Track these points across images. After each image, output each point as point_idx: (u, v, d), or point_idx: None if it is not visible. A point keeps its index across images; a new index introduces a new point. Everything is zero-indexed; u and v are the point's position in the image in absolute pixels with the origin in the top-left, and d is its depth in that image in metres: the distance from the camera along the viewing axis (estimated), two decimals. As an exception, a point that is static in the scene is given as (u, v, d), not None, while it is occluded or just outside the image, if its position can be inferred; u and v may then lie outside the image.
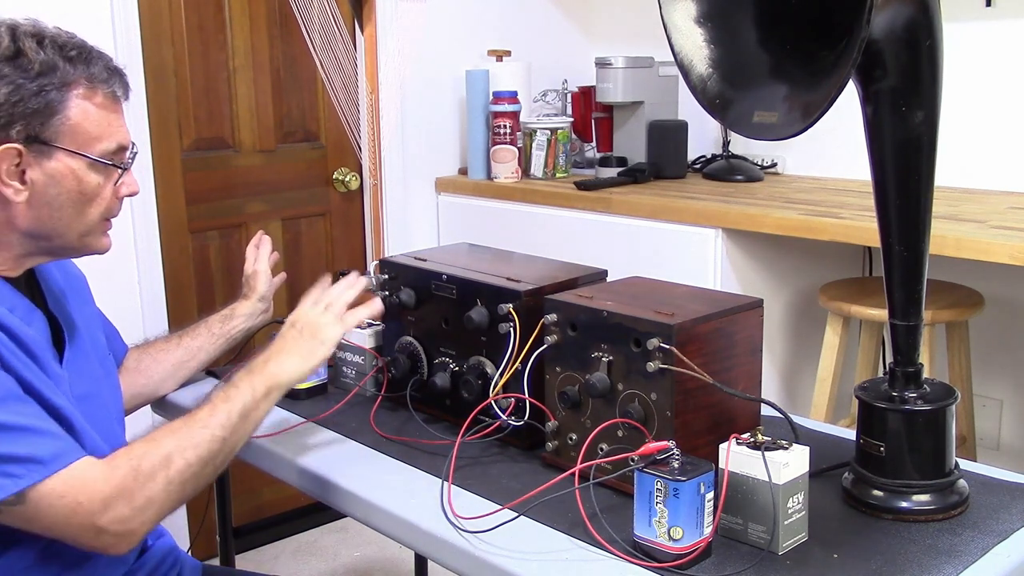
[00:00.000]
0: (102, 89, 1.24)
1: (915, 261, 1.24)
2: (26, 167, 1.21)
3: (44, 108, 1.19)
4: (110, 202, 1.29)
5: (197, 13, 2.69)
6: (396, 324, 1.63)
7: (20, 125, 1.18)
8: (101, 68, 1.24)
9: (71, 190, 1.24)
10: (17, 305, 1.26)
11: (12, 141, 1.18)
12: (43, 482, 1.14)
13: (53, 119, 1.20)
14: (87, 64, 1.23)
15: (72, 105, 1.21)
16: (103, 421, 1.38)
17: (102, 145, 1.25)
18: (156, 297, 2.61)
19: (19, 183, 1.21)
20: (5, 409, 1.14)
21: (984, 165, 2.68)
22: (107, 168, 1.26)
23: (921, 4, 1.15)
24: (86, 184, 1.25)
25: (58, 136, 1.21)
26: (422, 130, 3.13)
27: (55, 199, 1.23)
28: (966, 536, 1.19)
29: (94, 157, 1.24)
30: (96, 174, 1.25)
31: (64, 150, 1.22)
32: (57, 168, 1.22)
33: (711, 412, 1.29)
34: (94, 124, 1.23)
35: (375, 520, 1.33)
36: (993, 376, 2.78)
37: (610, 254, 2.63)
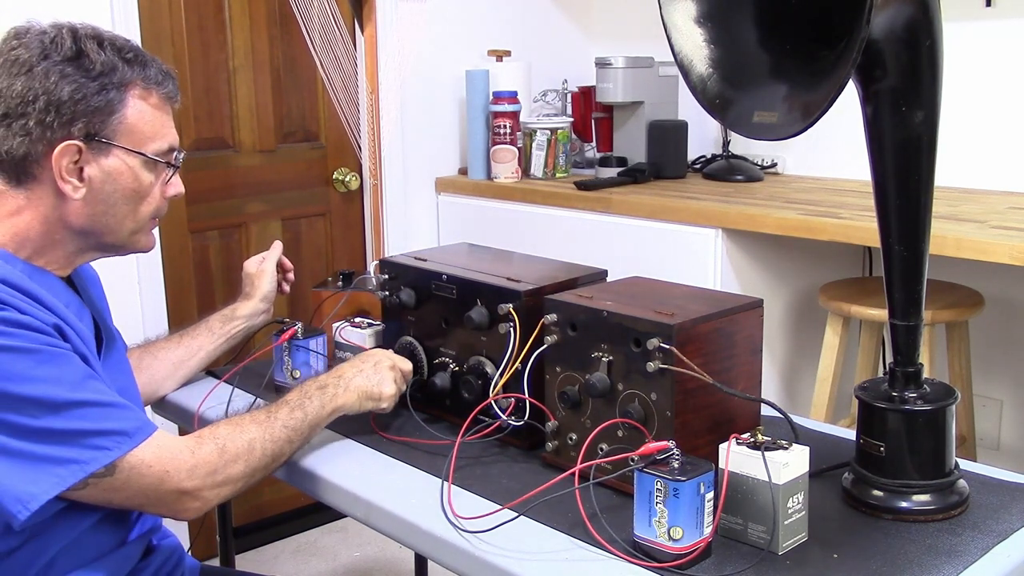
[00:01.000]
0: (156, 91, 1.30)
1: (915, 261, 1.24)
2: (84, 164, 1.25)
3: (104, 106, 1.24)
4: (159, 202, 1.34)
5: (197, 13, 2.69)
6: (396, 324, 1.63)
7: (82, 123, 1.23)
8: (156, 71, 1.30)
9: (126, 187, 1.28)
10: (71, 302, 1.31)
11: (73, 138, 1.22)
12: (132, 452, 1.20)
13: (112, 117, 1.25)
14: (143, 66, 1.28)
15: (130, 104, 1.26)
16: None
17: (155, 144, 1.30)
18: (156, 297, 2.61)
19: (77, 180, 1.25)
20: (86, 388, 1.19)
21: (984, 165, 2.68)
22: (159, 167, 1.31)
23: (921, 4, 1.15)
24: (140, 182, 1.29)
25: (116, 134, 1.26)
26: (422, 130, 3.13)
27: (110, 196, 1.28)
28: (966, 536, 1.19)
29: (149, 155, 1.29)
30: (149, 172, 1.30)
31: (121, 148, 1.26)
32: (114, 165, 1.27)
33: (711, 412, 1.29)
34: (149, 124, 1.28)
35: (375, 520, 1.33)
36: (993, 376, 2.78)
37: (610, 254, 2.63)
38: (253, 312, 1.74)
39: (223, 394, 1.66)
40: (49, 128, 1.21)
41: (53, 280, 1.29)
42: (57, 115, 1.21)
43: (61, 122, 1.21)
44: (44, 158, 1.23)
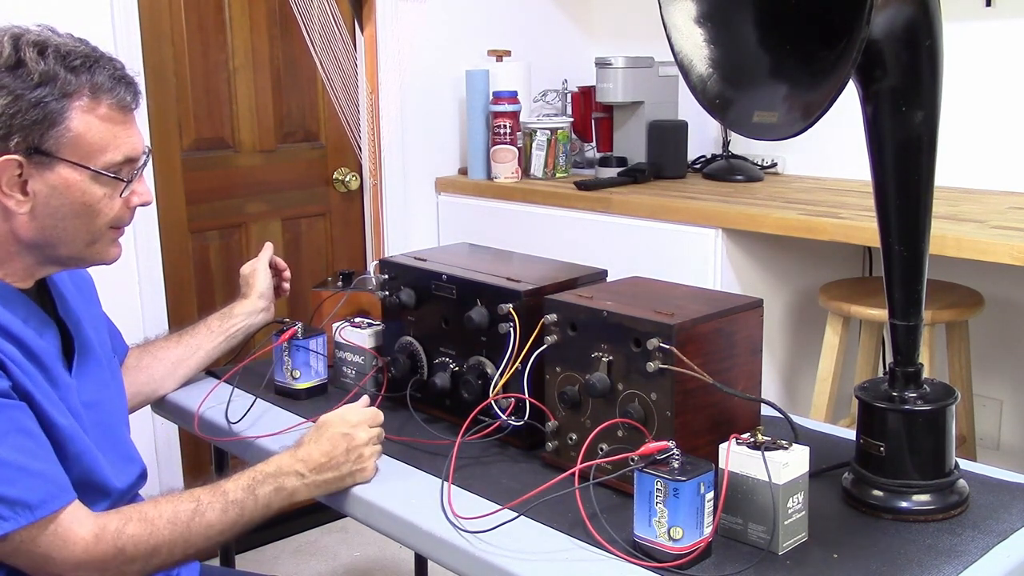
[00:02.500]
0: (107, 99, 1.21)
1: (915, 261, 1.24)
2: (28, 178, 1.19)
3: (43, 119, 1.17)
4: (119, 212, 1.28)
5: (197, 13, 2.69)
6: (396, 324, 1.63)
7: (19, 136, 1.16)
8: (106, 77, 1.21)
9: (74, 202, 1.22)
10: (31, 316, 1.26)
11: (11, 152, 1.17)
12: (26, 527, 1.14)
13: (53, 130, 1.18)
14: (91, 73, 1.20)
15: (74, 116, 1.19)
16: (109, 426, 1.38)
17: (106, 157, 1.22)
18: (156, 297, 2.61)
19: (21, 194, 1.20)
20: (5, 444, 1.13)
21: (984, 165, 2.68)
22: (112, 180, 1.24)
23: (921, 4, 1.15)
24: (90, 196, 1.23)
25: (59, 147, 1.19)
26: (422, 130, 3.13)
27: (57, 211, 1.22)
28: (966, 536, 1.19)
29: (97, 170, 1.22)
30: (100, 186, 1.23)
31: (66, 162, 1.20)
32: (59, 180, 1.20)
33: (711, 412, 1.29)
34: (97, 136, 1.21)
35: (375, 520, 1.33)
36: (993, 376, 2.78)
37: (610, 254, 2.63)
38: (251, 310, 1.73)
39: (223, 394, 1.66)
40: None
41: (10, 294, 1.25)
42: None
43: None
44: None
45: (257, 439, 1.53)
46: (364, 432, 1.35)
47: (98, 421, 1.34)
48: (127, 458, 1.41)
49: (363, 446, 1.35)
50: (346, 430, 1.34)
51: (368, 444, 1.35)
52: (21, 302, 1.26)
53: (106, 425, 1.37)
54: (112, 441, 1.36)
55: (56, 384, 1.26)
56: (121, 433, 1.42)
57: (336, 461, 1.33)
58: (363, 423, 1.36)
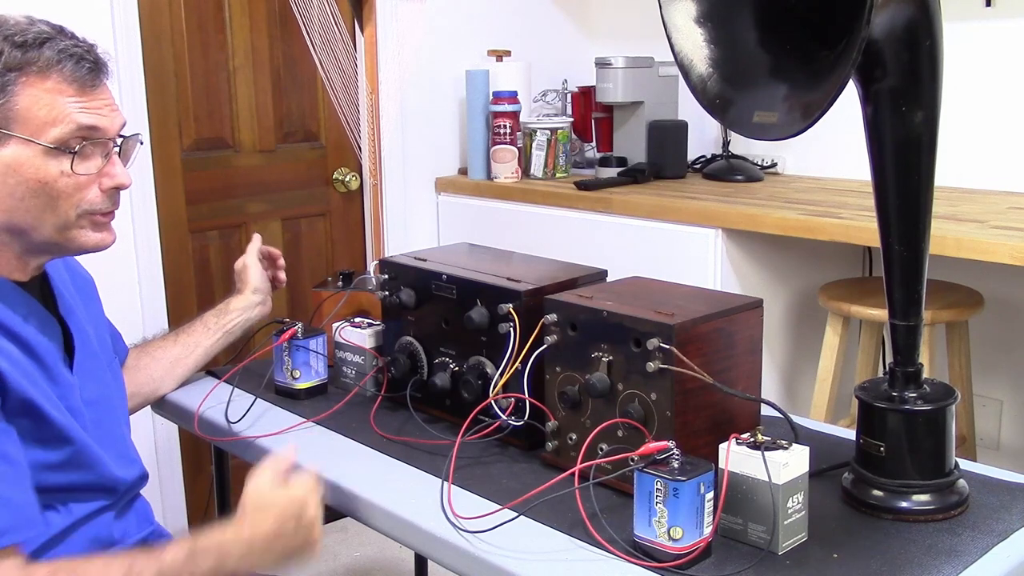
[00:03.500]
0: (55, 73, 1.18)
1: (915, 261, 1.24)
2: None
3: None
4: (87, 194, 1.23)
5: (197, 13, 2.69)
6: (396, 324, 1.63)
7: None
8: (55, 52, 1.18)
9: (30, 179, 1.19)
10: (32, 313, 1.25)
11: None
12: None
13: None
14: (40, 48, 1.18)
15: (19, 91, 1.16)
16: (110, 425, 1.38)
17: (56, 130, 1.19)
18: (156, 297, 2.61)
19: None
20: None
21: (984, 165, 2.68)
22: (66, 155, 1.20)
23: (921, 4, 1.15)
24: (44, 173, 1.19)
25: (8, 123, 1.17)
26: (422, 130, 3.13)
27: (15, 190, 1.19)
28: (966, 536, 1.19)
29: (45, 144, 1.18)
30: (55, 162, 1.19)
31: (16, 137, 1.17)
32: (12, 157, 1.18)
33: (711, 412, 1.29)
34: (45, 109, 1.18)
35: (375, 520, 1.33)
36: (993, 376, 2.78)
37: (610, 254, 2.63)
38: (247, 305, 1.72)
39: (223, 394, 1.66)
40: None
41: (9, 290, 1.23)
42: None
43: None
44: None
45: (257, 439, 1.54)
46: (314, 505, 1.26)
47: (99, 420, 1.34)
48: (127, 458, 1.41)
49: (313, 520, 1.25)
50: (295, 508, 1.24)
51: (317, 518, 1.26)
52: (21, 299, 1.24)
53: (107, 424, 1.36)
54: (111, 440, 1.36)
55: (56, 382, 1.25)
56: (121, 433, 1.42)
57: (285, 538, 1.22)
58: (311, 492, 1.26)
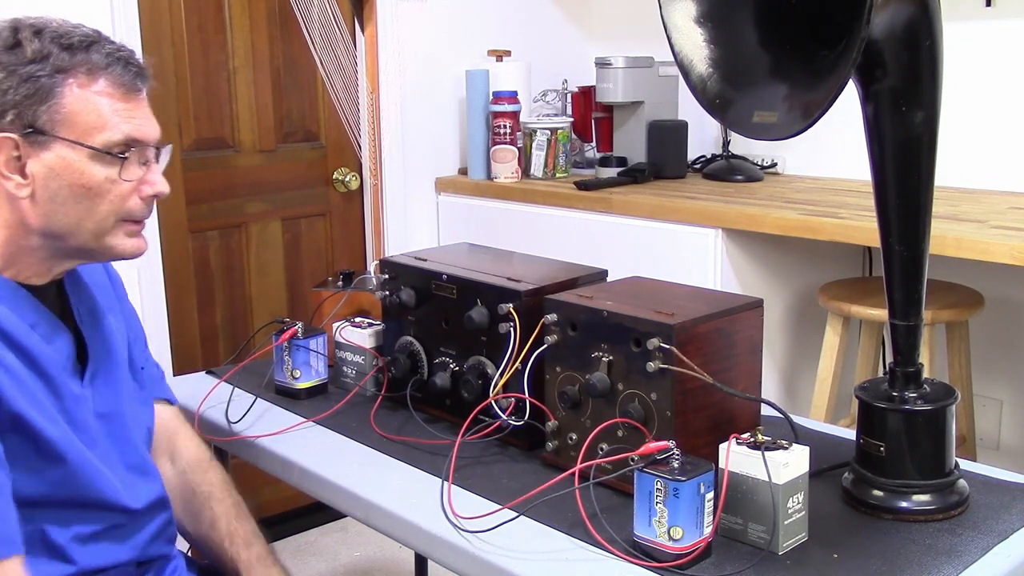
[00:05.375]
0: (104, 76, 1.17)
1: (915, 261, 1.24)
2: (26, 159, 1.16)
3: (35, 94, 1.14)
4: (127, 201, 1.21)
5: (197, 13, 2.69)
6: (396, 324, 1.63)
7: (12, 113, 1.14)
8: (103, 56, 1.17)
9: (73, 183, 1.17)
10: (40, 321, 1.21)
11: (6, 131, 1.14)
12: None
13: (45, 106, 1.14)
14: (87, 52, 1.17)
15: (67, 93, 1.15)
16: (125, 440, 1.31)
17: (104, 135, 1.17)
18: (156, 297, 2.61)
19: (20, 176, 1.16)
20: None
21: (984, 165, 2.68)
22: (113, 160, 1.18)
23: (921, 4, 1.15)
24: (88, 178, 1.17)
25: (54, 125, 1.15)
26: (422, 130, 3.13)
27: (58, 193, 1.17)
28: (966, 536, 1.19)
29: (94, 147, 1.17)
30: (101, 166, 1.18)
31: (62, 139, 1.15)
32: (56, 160, 1.16)
33: (711, 412, 1.29)
34: (94, 113, 1.17)
35: (375, 520, 1.33)
36: (993, 376, 2.78)
37: (610, 254, 2.63)
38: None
39: (223, 394, 1.66)
40: None
41: (20, 296, 1.20)
42: None
43: None
44: None
45: (257, 439, 1.54)
46: None
47: (112, 433, 1.28)
48: (142, 473, 1.33)
49: None
50: None
51: None
52: (31, 305, 1.21)
53: (122, 438, 1.30)
54: (123, 456, 1.29)
55: (59, 394, 1.21)
56: (136, 450, 1.33)
57: None
58: None
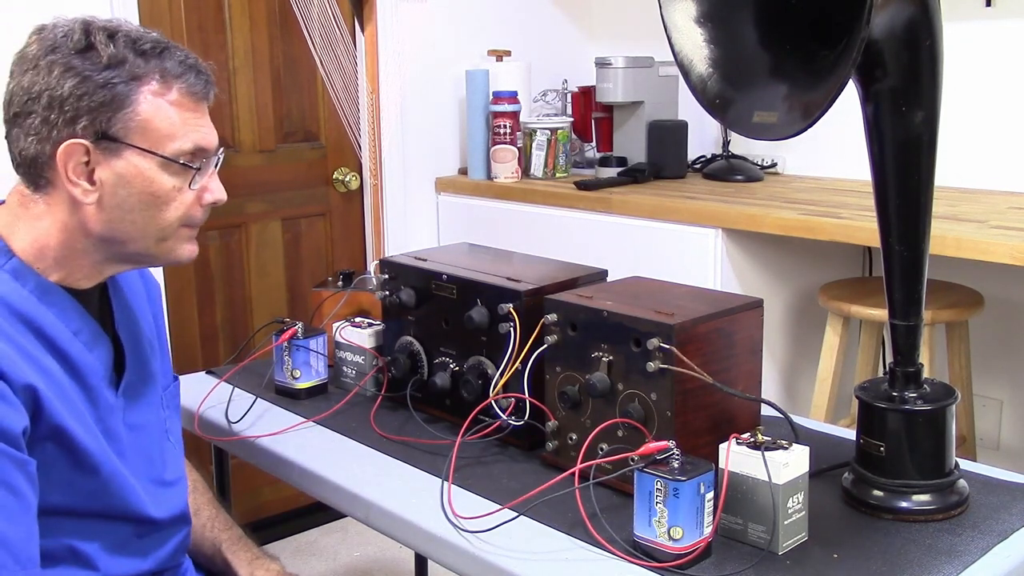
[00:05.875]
0: (177, 85, 1.16)
1: (915, 261, 1.24)
2: (95, 165, 1.13)
3: (111, 102, 1.12)
4: (190, 208, 1.21)
5: (197, 13, 2.69)
6: (396, 324, 1.63)
7: (86, 120, 1.12)
8: (176, 63, 1.16)
9: (142, 191, 1.16)
10: (83, 328, 1.20)
11: (78, 137, 1.12)
12: None
13: (120, 114, 1.13)
14: (160, 58, 1.15)
15: (142, 100, 1.14)
16: (151, 453, 1.30)
17: (176, 144, 1.17)
18: (156, 297, 2.61)
19: (88, 183, 1.14)
20: None
21: (984, 165, 2.68)
22: (182, 169, 1.18)
23: (921, 4, 1.15)
24: (158, 186, 1.16)
25: (127, 133, 1.13)
26: (422, 130, 3.13)
27: (125, 201, 1.15)
28: (966, 536, 1.19)
29: (166, 156, 1.16)
30: (170, 176, 1.17)
31: (134, 147, 1.14)
32: (127, 167, 1.15)
33: (711, 412, 1.29)
34: (167, 121, 1.16)
35: (375, 520, 1.33)
36: (993, 376, 2.78)
37: (610, 254, 2.63)
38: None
39: (223, 394, 1.66)
40: (54, 127, 1.11)
41: (66, 301, 1.18)
42: (60, 112, 1.11)
43: (65, 119, 1.11)
44: (52, 159, 1.12)
45: (257, 439, 1.54)
46: None
47: (140, 445, 1.27)
48: (167, 486, 1.31)
49: None
50: None
51: None
52: (76, 312, 1.19)
53: (149, 450, 1.29)
54: (153, 468, 1.29)
55: (96, 404, 1.20)
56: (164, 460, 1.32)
57: None
58: None
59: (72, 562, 1.19)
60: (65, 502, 1.17)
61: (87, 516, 1.20)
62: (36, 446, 1.12)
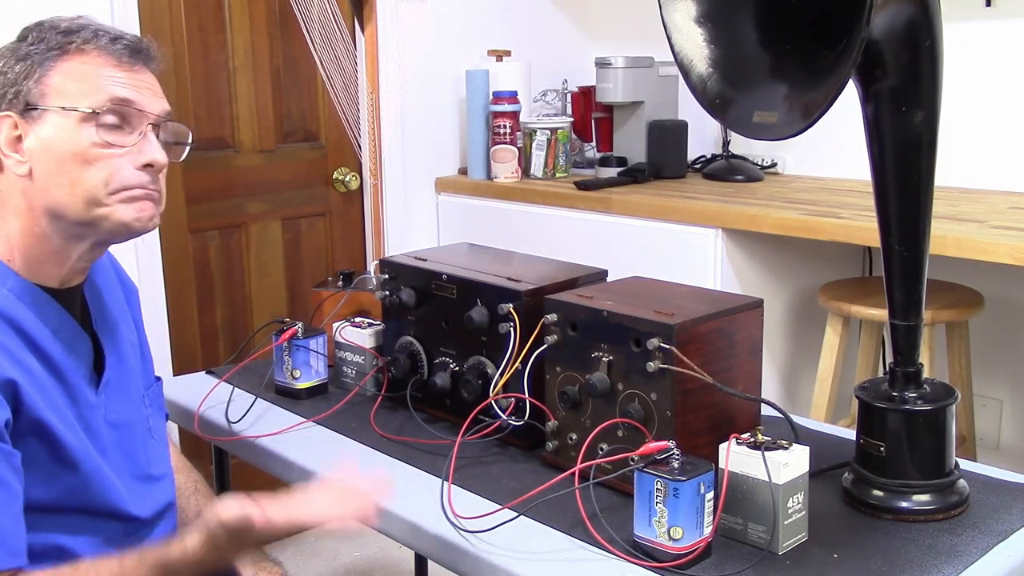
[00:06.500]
0: (95, 48, 1.20)
1: (915, 261, 1.24)
2: (23, 135, 1.18)
3: (30, 72, 1.18)
4: (122, 170, 1.20)
5: (197, 13, 2.69)
6: (396, 324, 1.63)
7: (11, 92, 1.18)
8: (91, 32, 1.21)
9: (63, 152, 1.17)
10: (63, 327, 1.22)
11: (5, 110, 1.18)
12: None
13: (38, 80, 1.18)
14: (79, 32, 1.21)
15: (60, 66, 1.19)
16: (133, 450, 1.31)
17: (91, 99, 1.19)
18: (156, 297, 2.61)
19: (19, 155, 1.18)
20: None
21: (984, 165, 2.68)
22: (104, 127, 1.18)
23: (921, 4, 1.15)
24: (77, 143, 1.18)
25: (45, 96, 1.18)
26: (422, 130, 3.13)
27: (50, 165, 1.18)
28: (966, 536, 1.19)
29: (80, 109, 1.18)
30: (89, 133, 1.18)
31: (53, 109, 1.17)
32: (49, 131, 1.18)
33: (711, 412, 1.29)
34: (84, 78, 1.19)
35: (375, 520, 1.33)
36: (993, 376, 2.78)
37: (610, 254, 2.63)
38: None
39: (223, 394, 1.66)
40: None
41: (44, 301, 1.20)
42: None
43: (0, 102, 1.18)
44: None
45: (257, 439, 1.54)
46: None
47: (122, 443, 1.29)
48: (150, 482, 1.33)
49: None
50: None
51: None
52: (54, 311, 1.21)
53: (131, 448, 1.30)
54: (134, 465, 1.30)
55: (77, 401, 1.21)
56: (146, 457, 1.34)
57: None
58: None
59: (57, 558, 1.20)
60: (48, 498, 1.18)
61: (69, 512, 1.22)
62: (18, 441, 1.14)
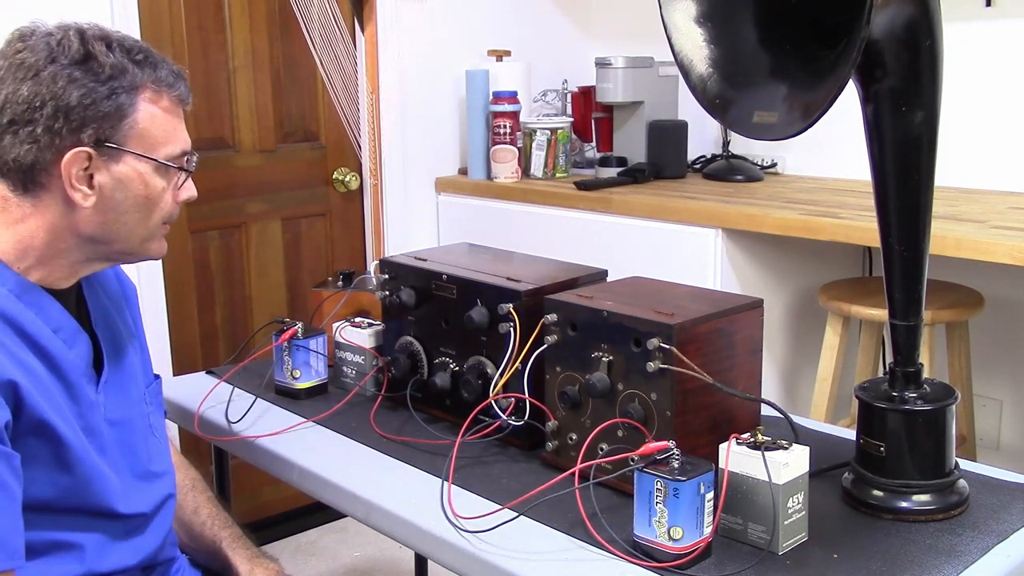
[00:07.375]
0: (168, 93, 1.24)
1: (915, 261, 1.24)
2: (94, 171, 1.19)
3: (115, 111, 1.18)
4: (172, 207, 1.28)
5: (197, 13, 2.69)
6: (396, 324, 1.63)
7: (92, 128, 1.17)
8: (167, 72, 1.24)
9: (138, 194, 1.22)
10: (63, 326, 1.23)
11: (83, 145, 1.17)
12: None
13: (123, 122, 1.19)
14: (153, 68, 1.22)
15: (140, 108, 1.20)
16: (132, 448, 1.32)
17: (167, 149, 1.24)
18: (156, 297, 2.61)
19: (87, 187, 1.19)
20: None
21: (984, 165, 2.68)
22: (170, 172, 1.25)
23: (921, 4, 1.15)
24: (152, 188, 1.23)
25: (127, 140, 1.20)
26: (422, 130, 3.13)
27: (121, 203, 1.22)
28: (966, 536, 1.19)
29: (160, 160, 1.23)
30: (161, 178, 1.24)
31: (133, 153, 1.21)
32: (125, 172, 1.21)
33: (711, 412, 1.29)
34: (160, 128, 1.23)
35: (375, 520, 1.33)
36: (993, 376, 2.78)
37: (610, 254, 2.63)
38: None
39: (223, 394, 1.66)
40: (58, 135, 1.16)
41: (45, 300, 1.22)
42: (66, 121, 1.16)
43: (70, 128, 1.16)
44: (52, 166, 1.17)
45: (257, 439, 1.54)
46: None
47: (121, 441, 1.30)
48: (149, 480, 1.34)
49: None
50: None
51: None
52: (55, 309, 1.23)
53: (130, 446, 1.32)
54: (134, 463, 1.31)
55: (77, 400, 1.22)
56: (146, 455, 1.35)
57: None
58: None
59: (56, 557, 1.21)
60: (47, 496, 1.19)
61: (68, 511, 1.22)
62: (18, 441, 1.15)
